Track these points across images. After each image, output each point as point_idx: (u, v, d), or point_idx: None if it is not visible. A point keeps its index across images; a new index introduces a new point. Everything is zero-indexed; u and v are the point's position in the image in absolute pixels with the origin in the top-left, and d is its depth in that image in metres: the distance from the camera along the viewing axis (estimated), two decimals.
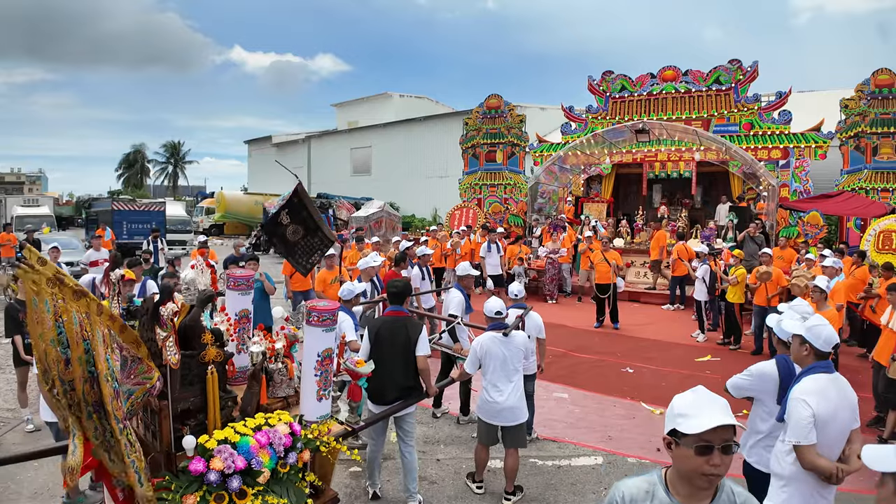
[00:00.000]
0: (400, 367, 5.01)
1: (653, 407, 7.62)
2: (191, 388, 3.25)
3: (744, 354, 10.10)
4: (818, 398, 3.12)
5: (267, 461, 3.11)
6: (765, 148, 16.78)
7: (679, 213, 17.94)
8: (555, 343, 10.54)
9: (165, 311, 3.12)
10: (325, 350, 3.67)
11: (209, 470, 2.96)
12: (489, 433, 5.30)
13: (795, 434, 3.12)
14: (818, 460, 3.09)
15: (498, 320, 5.32)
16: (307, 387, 3.69)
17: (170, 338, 3.06)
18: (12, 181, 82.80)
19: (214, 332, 3.41)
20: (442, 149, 33.22)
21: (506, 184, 19.63)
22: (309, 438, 3.45)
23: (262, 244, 27.89)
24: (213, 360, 3.30)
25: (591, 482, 5.70)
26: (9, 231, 20.35)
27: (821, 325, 3.33)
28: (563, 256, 15.19)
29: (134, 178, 66.60)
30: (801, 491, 3.19)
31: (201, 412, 3.27)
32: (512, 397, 5.18)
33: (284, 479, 3.24)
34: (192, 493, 2.94)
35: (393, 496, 5.40)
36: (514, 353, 5.23)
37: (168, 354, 3.02)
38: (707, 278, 11.11)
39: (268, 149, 50.27)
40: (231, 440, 3.09)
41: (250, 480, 3.07)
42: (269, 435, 3.19)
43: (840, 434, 3.18)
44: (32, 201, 33.42)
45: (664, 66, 18.34)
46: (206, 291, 3.49)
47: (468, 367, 5.32)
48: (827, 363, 3.29)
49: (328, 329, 3.68)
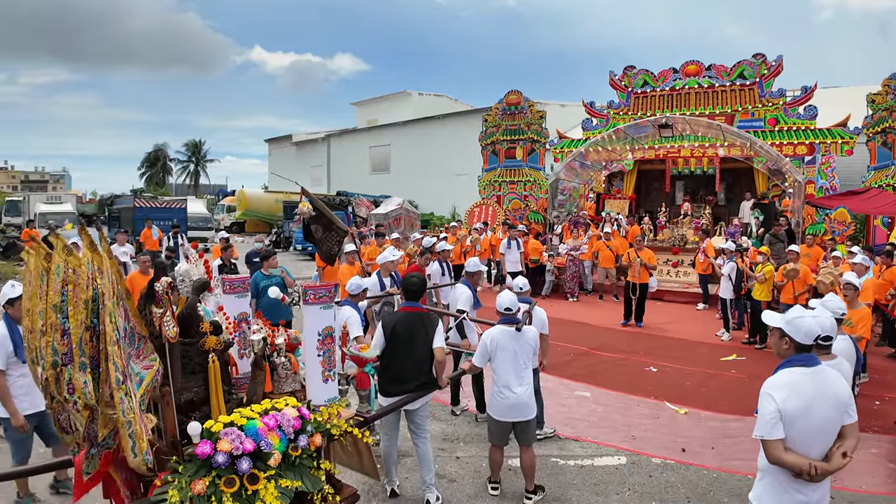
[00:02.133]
0: (417, 362, 4.94)
1: (677, 406, 7.45)
2: (193, 378, 3.20)
3: (769, 354, 9.80)
4: (787, 392, 3.04)
5: (277, 443, 3.01)
6: (790, 144, 16.43)
7: (702, 210, 17.64)
8: (576, 341, 10.43)
9: (160, 285, 3.05)
10: (326, 328, 3.63)
11: (217, 452, 2.84)
12: (501, 432, 5.19)
13: (759, 428, 3.08)
14: (784, 455, 3.03)
15: (509, 315, 5.21)
16: (312, 369, 3.64)
17: (167, 313, 2.99)
18: (36, 179, 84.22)
19: (212, 322, 3.37)
20: (461, 146, 33.13)
21: (525, 181, 19.46)
22: (318, 422, 3.36)
23: (281, 241, 28.04)
24: (214, 348, 3.24)
25: (615, 482, 5.57)
26: (31, 227, 20.64)
27: (801, 317, 3.19)
28: (584, 254, 15.02)
29: (156, 177, 67.17)
30: (773, 485, 3.17)
31: (205, 404, 3.21)
32: (523, 392, 5.08)
33: (297, 464, 3.14)
34: (202, 479, 2.83)
35: (412, 494, 5.32)
36: (525, 348, 5.14)
37: (166, 330, 2.96)
38: (733, 276, 10.89)
39: (288, 148, 50.59)
40: (238, 423, 2.99)
41: (261, 465, 2.96)
42: (277, 417, 3.11)
43: (818, 429, 3.06)
44: (55, 198, 33.92)
45: (687, 61, 18.03)
46: (199, 279, 3.44)
47: (477, 360, 5.23)
48: (806, 356, 3.16)
49: (325, 306, 3.66)
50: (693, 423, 7.04)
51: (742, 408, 7.33)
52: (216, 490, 2.84)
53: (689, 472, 5.78)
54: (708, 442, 6.44)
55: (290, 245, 26.58)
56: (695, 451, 6.20)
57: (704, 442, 6.45)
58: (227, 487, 2.86)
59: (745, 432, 6.62)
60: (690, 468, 5.84)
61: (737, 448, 6.26)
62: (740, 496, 5.24)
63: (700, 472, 5.75)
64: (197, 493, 2.78)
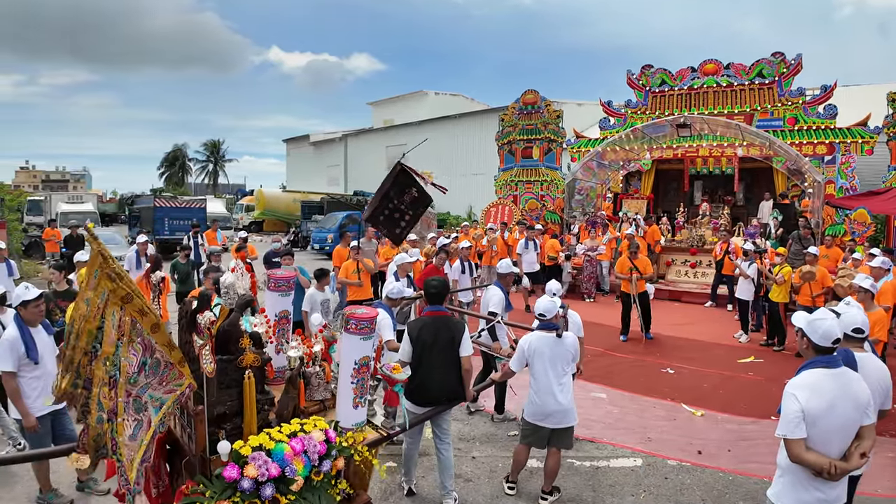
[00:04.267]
0: (443, 368, 4.94)
1: (694, 409, 7.45)
2: (227, 392, 3.25)
3: (787, 356, 9.83)
4: (810, 393, 3.14)
5: (301, 469, 3.11)
6: (809, 143, 16.27)
7: (721, 210, 17.53)
8: (593, 342, 10.40)
9: (203, 319, 3.11)
10: (363, 358, 3.64)
11: (243, 477, 2.96)
12: (537, 435, 5.18)
13: (783, 428, 3.17)
14: (805, 454, 3.12)
15: (549, 321, 5.17)
16: (343, 394, 3.67)
17: (206, 346, 3.06)
18: (57, 179, 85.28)
19: (253, 335, 3.40)
20: (477, 146, 33.14)
21: (542, 180, 19.41)
22: (343, 446, 3.44)
23: (299, 241, 28.23)
24: (251, 364, 3.28)
25: (630, 484, 5.60)
26: (53, 227, 20.92)
27: (820, 319, 3.30)
28: (601, 254, 14.99)
29: (175, 177, 67.84)
30: (793, 483, 3.26)
31: (237, 416, 3.26)
32: (564, 399, 5.08)
33: (318, 487, 3.23)
34: (226, 500, 2.95)
35: (428, 493, 5.38)
36: (564, 355, 5.12)
37: (204, 364, 3.03)
38: (755, 277, 10.81)
39: (305, 147, 50.82)
40: (266, 447, 3.08)
41: (283, 488, 3.06)
42: (304, 442, 3.18)
43: (839, 430, 3.17)
44: (76, 198, 34.37)
45: (705, 60, 17.90)
46: (245, 296, 3.49)
47: (514, 365, 5.22)
48: (829, 358, 3.25)
49: (366, 338, 3.64)
50: (709, 425, 7.04)
51: (759, 410, 7.31)
52: None
53: (704, 474, 5.79)
54: (724, 444, 6.44)
55: (307, 244, 26.76)
56: (711, 454, 6.20)
57: (721, 444, 6.44)
58: None
59: (762, 435, 6.61)
60: (706, 470, 5.85)
61: (753, 451, 6.25)
62: (756, 499, 5.25)
63: (716, 475, 5.76)
64: None
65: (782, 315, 10.35)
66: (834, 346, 3.25)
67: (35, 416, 4.90)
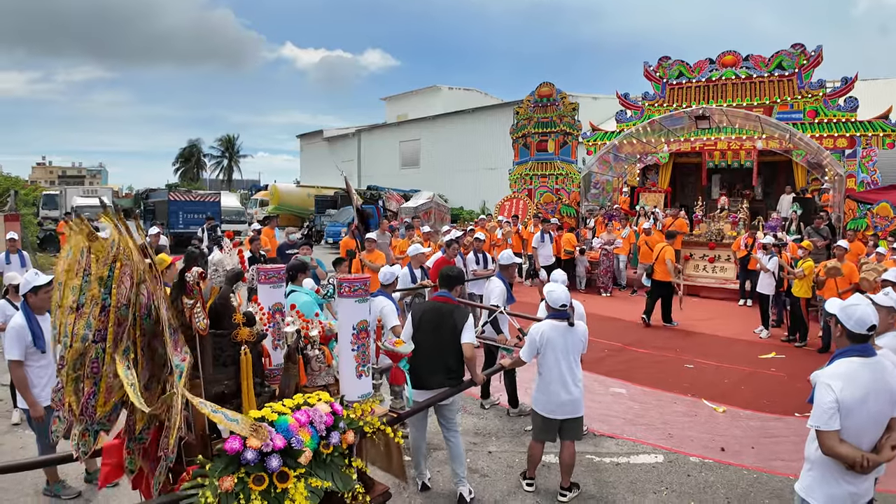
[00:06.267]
0: (443, 352, 4.84)
1: (715, 405, 7.28)
2: (224, 371, 3.14)
3: (810, 352, 9.63)
4: (845, 382, 3.02)
5: (308, 440, 2.92)
6: (830, 136, 16.00)
7: (739, 204, 17.28)
8: (611, 337, 10.26)
9: (190, 276, 2.98)
10: (360, 322, 3.55)
11: (246, 448, 2.75)
12: (547, 428, 5.08)
13: (816, 419, 3.05)
14: (838, 447, 3.00)
15: (563, 311, 5.04)
16: (346, 363, 3.58)
17: (197, 304, 2.94)
18: (74, 175, 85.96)
19: (246, 313, 3.30)
20: (491, 140, 33.00)
21: (557, 174, 19.18)
22: (351, 419, 3.27)
23: (313, 235, 28.23)
24: (246, 340, 3.18)
25: (652, 481, 5.45)
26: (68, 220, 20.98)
27: (855, 304, 3.16)
28: (618, 248, 14.79)
29: (190, 172, 68.12)
30: (824, 476, 3.15)
31: (236, 397, 3.14)
32: (575, 389, 4.97)
33: (329, 462, 3.04)
34: (230, 475, 2.74)
35: (443, 487, 5.26)
36: (576, 345, 5.02)
37: (196, 321, 2.91)
38: (775, 271, 10.59)
39: (319, 143, 50.91)
40: (269, 419, 2.90)
41: (291, 462, 2.86)
42: (309, 413, 3.02)
43: (872, 421, 3.05)
44: (91, 192, 34.54)
45: (724, 51, 17.65)
46: (233, 269, 3.37)
47: (525, 355, 5.09)
48: (863, 346, 3.12)
49: (361, 300, 3.58)
50: (732, 421, 6.87)
51: (782, 407, 7.15)
52: (244, 487, 2.74)
53: (728, 472, 5.63)
54: (748, 441, 6.27)
55: (321, 238, 26.77)
56: (734, 451, 6.04)
57: (744, 441, 6.28)
58: (255, 485, 2.75)
59: (786, 432, 6.45)
60: (730, 468, 5.69)
61: (778, 448, 6.08)
62: (782, 497, 5.09)
63: (740, 473, 5.59)
64: (225, 489, 2.69)
65: (804, 310, 10.14)
66: (869, 334, 3.12)
67: (42, 406, 4.83)
